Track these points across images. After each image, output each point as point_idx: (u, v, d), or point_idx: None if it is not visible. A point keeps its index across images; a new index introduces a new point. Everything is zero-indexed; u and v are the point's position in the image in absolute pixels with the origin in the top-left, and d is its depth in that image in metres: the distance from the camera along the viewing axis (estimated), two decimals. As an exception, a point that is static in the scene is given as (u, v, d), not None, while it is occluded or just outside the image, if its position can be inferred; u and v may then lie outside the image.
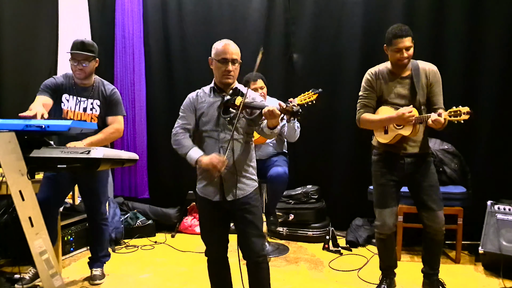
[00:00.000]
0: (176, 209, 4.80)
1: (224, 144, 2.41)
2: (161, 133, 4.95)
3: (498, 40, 3.99)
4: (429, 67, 2.89)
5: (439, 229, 2.92)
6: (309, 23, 4.56)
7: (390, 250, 3.12)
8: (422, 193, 2.92)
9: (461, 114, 2.53)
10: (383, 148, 2.98)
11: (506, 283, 3.21)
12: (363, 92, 2.98)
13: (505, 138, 4.01)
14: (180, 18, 4.81)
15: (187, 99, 2.62)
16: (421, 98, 2.84)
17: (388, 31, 2.85)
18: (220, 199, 2.44)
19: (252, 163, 2.52)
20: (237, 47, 2.52)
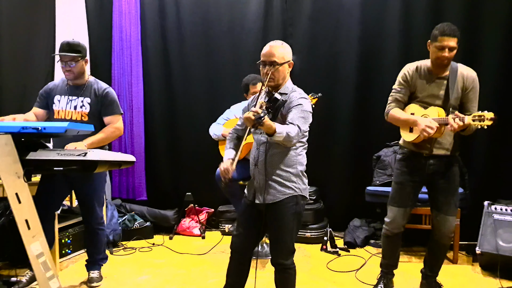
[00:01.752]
0: (174, 211, 4.79)
1: (260, 147, 2.43)
2: (159, 135, 4.95)
3: (495, 41, 4.00)
4: (468, 72, 2.83)
5: (447, 233, 2.91)
6: (307, 25, 4.56)
7: (394, 249, 3.11)
8: (439, 195, 2.90)
9: (485, 119, 2.51)
10: (408, 148, 2.95)
11: (503, 283, 3.21)
12: (398, 86, 2.93)
13: (502, 139, 4.02)
14: (177, 20, 4.81)
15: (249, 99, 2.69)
16: (453, 101, 2.79)
17: (436, 27, 2.78)
18: (251, 199, 2.46)
19: (291, 168, 2.40)
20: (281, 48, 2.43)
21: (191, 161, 4.87)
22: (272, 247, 2.44)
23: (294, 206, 2.38)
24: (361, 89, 4.44)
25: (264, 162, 2.38)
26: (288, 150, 2.39)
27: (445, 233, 2.90)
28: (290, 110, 2.34)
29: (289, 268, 2.42)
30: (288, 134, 2.21)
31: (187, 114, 4.84)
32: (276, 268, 2.44)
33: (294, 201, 2.38)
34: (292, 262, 2.44)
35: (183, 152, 4.89)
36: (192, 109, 4.82)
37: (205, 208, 4.87)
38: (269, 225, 2.43)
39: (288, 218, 2.37)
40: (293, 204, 2.38)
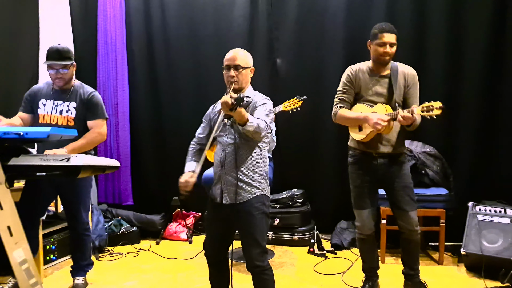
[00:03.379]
0: (160, 215, 4.76)
1: (226, 148, 2.46)
2: (145, 139, 4.92)
3: (479, 42, 4.06)
4: (408, 70, 2.95)
5: (412, 229, 2.96)
6: (292, 28, 4.58)
7: (371, 251, 3.15)
8: (395, 194, 2.96)
9: (433, 109, 2.56)
10: (358, 149, 3.01)
11: (488, 283, 3.24)
12: (342, 87, 3.03)
13: (486, 140, 4.08)
14: (163, 23, 4.80)
15: (210, 109, 2.72)
16: (397, 97, 2.88)
17: (375, 27, 2.91)
18: (219, 202, 2.47)
19: (257, 169, 2.46)
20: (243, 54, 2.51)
21: (178, 165, 4.73)
22: (245, 251, 2.44)
23: (262, 206, 2.44)
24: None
25: (233, 163, 2.42)
26: (254, 151, 2.46)
27: (411, 229, 2.95)
28: (256, 109, 2.42)
29: (266, 269, 2.44)
30: (258, 125, 2.27)
31: (173, 118, 4.83)
32: (253, 272, 2.44)
33: (261, 200, 2.45)
34: (268, 263, 2.46)
35: (169, 156, 4.86)
36: (178, 113, 4.81)
37: (192, 213, 4.85)
38: (239, 225, 2.46)
39: (257, 217, 2.41)
40: (261, 204, 2.44)
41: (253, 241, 2.41)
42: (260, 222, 2.43)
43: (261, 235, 2.43)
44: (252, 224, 2.41)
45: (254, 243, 2.41)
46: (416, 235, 2.99)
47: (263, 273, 2.43)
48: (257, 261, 2.40)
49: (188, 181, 2.41)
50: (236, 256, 3.75)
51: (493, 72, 4.05)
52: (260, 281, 2.45)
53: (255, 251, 2.40)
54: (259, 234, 2.41)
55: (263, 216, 2.45)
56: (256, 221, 2.41)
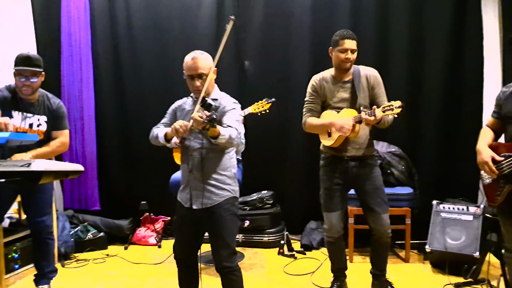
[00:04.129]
0: (128, 220, 4.68)
1: (194, 153, 2.43)
2: (111, 143, 4.83)
3: (439, 44, 4.19)
4: (369, 71, 3.00)
5: (384, 231, 2.99)
6: (259, 31, 4.60)
7: (339, 252, 3.19)
8: (366, 196, 3.00)
9: (393, 108, 2.62)
10: (329, 153, 3.05)
11: (451, 279, 3.32)
12: (308, 97, 3.07)
13: (449, 139, 4.21)
14: (128, 25, 4.72)
15: (174, 103, 2.66)
16: (362, 100, 2.93)
17: (335, 34, 2.96)
18: (189, 206, 2.46)
19: (225, 171, 2.46)
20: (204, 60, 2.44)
21: (146, 169, 4.78)
22: (214, 252, 2.45)
23: (232, 207, 2.45)
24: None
25: (200, 167, 2.41)
26: (222, 154, 2.45)
27: (383, 231, 3.00)
28: (225, 114, 2.40)
29: (235, 270, 2.45)
30: (230, 136, 2.27)
31: (141, 121, 4.75)
32: (222, 273, 2.45)
33: (231, 202, 2.46)
34: (236, 264, 2.47)
35: (137, 160, 4.79)
36: (145, 116, 4.73)
37: (161, 217, 4.79)
38: (209, 228, 2.46)
39: (228, 219, 2.42)
40: (230, 205, 2.45)
41: (223, 243, 2.41)
42: (230, 224, 2.44)
43: (231, 236, 2.44)
44: (223, 226, 2.41)
45: (224, 244, 2.41)
46: (387, 238, 3.03)
47: (232, 273, 2.44)
48: (226, 262, 2.41)
49: (187, 124, 2.29)
50: (206, 260, 3.73)
51: (453, 74, 4.19)
52: (229, 281, 2.46)
53: (225, 253, 2.40)
54: (229, 235, 2.43)
55: (233, 217, 2.46)
56: (226, 223, 2.42)
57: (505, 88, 2.61)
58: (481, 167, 2.52)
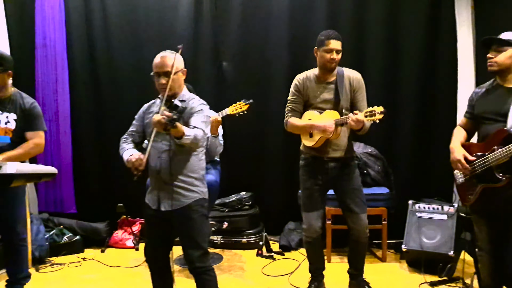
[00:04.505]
0: (105, 223, 4.62)
1: (162, 154, 2.42)
2: (87, 145, 4.76)
3: (414, 46, 4.26)
4: (353, 74, 3.01)
5: (362, 231, 3.02)
6: (237, 32, 4.59)
7: (317, 252, 3.21)
8: (346, 197, 3.02)
9: (376, 113, 2.63)
10: (309, 153, 3.06)
11: (427, 278, 3.38)
12: (291, 97, 3.07)
13: (424, 140, 4.28)
14: (105, 26, 4.66)
15: (143, 106, 2.66)
16: (344, 103, 2.95)
17: (321, 34, 2.95)
18: (156, 208, 2.44)
19: (194, 173, 2.46)
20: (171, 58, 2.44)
21: (122, 171, 4.67)
22: (185, 253, 2.45)
23: (201, 209, 2.46)
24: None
25: (168, 169, 2.40)
26: (190, 156, 2.45)
27: (362, 231, 3.03)
28: (192, 115, 2.41)
29: (208, 270, 2.45)
30: (195, 136, 2.27)
31: (117, 122, 4.68)
32: (195, 273, 2.45)
33: (200, 203, 2.46)
34: (210, 264, 2.48)
35: (113, 162, 4.71)
36: (121, 117, 4.64)
37: (138, 219, 4.72)
38: (179, 230, 2.45)
39: (197, 220, 2.43)
40: (200, 207, 2.45)
41: (194, 244, 2.41)
42: (200, 225, 2.44)
43: (202, 237, 2.45)
44: (192, 227, 2.41)
45: (194, 245, 2.41)
46: (365, 238, 3.06)
47: (206, 273, 2.44)
48: (199, 263, 2.41)
49: (142, 158, 2.32)
50: (181, 262, 3.71)
51: (428, 76, 4.26)
52: (203, 282, 2.46)
53: (196, 253, 2.41)
54: (199, 236, 2.43)
55: (202, 218, 2.46)
56: (196, 224, 2.42)
57: (478, 88, 2.67)
58: (453, 165, 2.57)
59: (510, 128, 2.33)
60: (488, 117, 2.50)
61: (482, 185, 2.45)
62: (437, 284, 3.30)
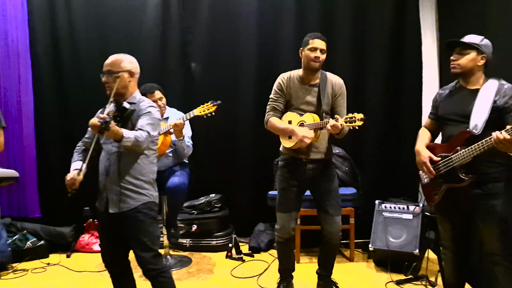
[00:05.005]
0: (71, 227, 4.51)
1: (111, 157, 2.41)
2: (52, 147, 4.63)
3: (380, 49, 4.34)
4: (336, 79, 3.02)
5: (335, 233, 3.04)
6: (206, 33, 4.56)
7: (288, 253, 3.21)
8: (323, 198, 3.03)
9: (356, 120, 2.66)
10: (288, 154, 3.06)
11: (393, 276, 3.43)
12: (274, 95, 3.06)
13: (390, 140, 4.35)
14: (70, 25, 4.54)
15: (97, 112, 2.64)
16: (325, 106, 2.95)
17: (307, 35, 2.97)
18: (104, 210, 2.43)
19: (143, 176, 2.45)
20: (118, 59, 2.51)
21: (88, 174, 4.60)
22: (137, 256, 2.42)
23: (150, 211, 2.45)
24: (261, 96, 4.46)
25: (116, 171, 2.39)
26: (140, 159, 2.44)
27: (334, 233, 3.05)
28: (139, 118, 2.41)
29: (162, 271, 2.44)
30: (136, 139, 2.27)
31: (83, 124, 4.50)
32: (149, 276, 2.43)
33: (149, 206, 2.45)
34: (164, 265, 2.47)
35: (79, 164, 4.62)
36: (87, 119, 4.47)
37: (106, 222, 4.65)
38: (128, 233, 2.43)
39: (146, 222, 2.41)
40: (149, 210, 2.44)
41: (145, 246, 2.39)
42: (150, 227, 2.43)
43: (152, 239, 2.43)
44: (142, 229, 2.40)
45: (145, 248, 2.39)
46: (337, 240, 3.09)
47: (160, 275, 2.42)
48: (151, 265, 2.40)
49: (75, 178, 2.35)
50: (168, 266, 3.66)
51: (393, 77, 4.35)
52: (159, 284, 2.44)
53: (148, 255, 2.39)
54: (150, 238, 2.41)
55: (152, 221, 2.45)
56: (145, 225, 2.41)
57: (441, 90, 2.73)
58: (419, 167, 2.62)
59: (472, 129, 2.38)
60: (451, 118, 2.55)
61: (446, 185, 2.51)
62: (403, 282, 3.36)
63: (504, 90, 2.38)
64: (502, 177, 2.40)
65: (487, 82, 2.46)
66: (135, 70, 2.54)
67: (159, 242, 2.52)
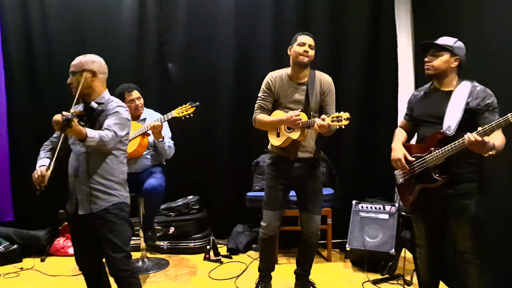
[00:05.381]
0: (45, 230, 4.42)
1: (79, 157, 2.39)
2: (26, 148, 4.51)
3: (357, 51, 4.38)
4: (324, 77, 3.04)
5: (314, 232, 3.08)
6: (183, 33, 4.53)
7: (270, 251, 3.23)
8: (306, 196, 3.08)
9: (342, 119, 2.67)
10: (277, 153, 3.07)
11: (370, 276, 3.47)
12: (262, 94, 3.07)
13: (367, 141, 4.40)
14: (44, 25, 4.41)
15: None
16: (313, 105, 2.97)
17: (296, 34, 3.01)
18: (74, 212, 2.40)
19: (113, 177, 2.44)
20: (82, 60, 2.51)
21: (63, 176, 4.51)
22: (107, 257, 2.41)
23: (121, 212, 2.43)
24: (239, 97, 4.51)
25: (85, 172, 2.37)
26: (110, 159, 2.43)
27: (313, 232, 3.09)
28: (107, 117, 2.41)
29: (133, 273, 2.43)
30: (101, 138, 2.25)
31: (57, 126, 4.51)
32: (119, 277, 2.42)
33: (120, 207, 2.44)
34: (134, 267, 2.46)
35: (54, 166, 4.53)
36: (62, 120, 4.50)
37: (82, 225, 4.57)
38: (99, 234, 2.41)
39: (117, 223, 2.40)
40: (119, 210, 2.43)
41: (115, 247, 2.38)
42: (121, 228, 2.41)
43: (124, 240, 2.41)
44: (113, 230, 2.38)
45: (116, 249, 2.38)
46: (316, 239, 3.12)
47: (131, 276, 2.42)
48: (122, 266, 2.39)
49: (43, 175, 2.30)
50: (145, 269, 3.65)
51: (370, 79, 4.40)
52: (128, 285, 2.43)
53: (119, 256, 2.38)
54: (121, 240, 2.40)
55: (123, 222, 2.43)
56: (116, 226, 2.39)
57: (416, 91, 2.77)
58: (394, 164, 2.65)
59: (446, 130, 2.42)
60: (425, 119, 2.60)
61: (420, 185, 2.55)
62: (379, 282, 3.40)
63: (476, 92, 2.42)
64: (475, 177, 2.45)
65: (460, 84, 2.50)
66: (99, 69, 2.51)
67: (130, 243, 2.50)
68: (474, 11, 3.17)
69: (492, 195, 2.78)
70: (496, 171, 2.78)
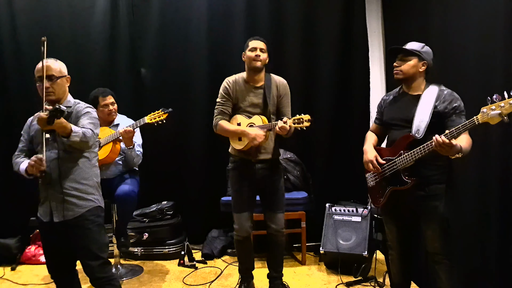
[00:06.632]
0: (16, 238, 4.32)
1: (51, 164, 2.34)
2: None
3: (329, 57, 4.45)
4: (280, 80, 3.12)
5: (279, 230, 3.12)
6: (156, 38, 4.50)
7: (247, 252, 3.25)
8: (269, 196, 3.12)
9: (303, 121, 2.74)
10: (238, 156, 3.11)
11: (343, 278, 3.50)
12: (220, 99, 3.10)
13: (340, 145, 4.44)
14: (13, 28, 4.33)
15: (28, 120, 2.61)
16: (271, 107, 3.04)
17: (248, 40, 3.08)
18: (49, 220, 2.35)
19: (87, 180, 2.42)
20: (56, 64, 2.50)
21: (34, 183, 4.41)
22: (84, 265, 2.39)
23: (97, 218, 2.42)
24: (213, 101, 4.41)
25: (58, 178, 2.34)
26: (82, 162, 2.41)
27: (277, 229, 3.12)
28: (80, 118, 2.41)
29: (111, 279, 2.41)
30: (84, 134, 2.27)
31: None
32: (98, 285, 2.40)
33: (95, 213, 2.42)
34: (112, 273, 2.45)
35: (24, 173, 4.43)
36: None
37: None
38: (74, 242, 2.38)
39: (93, 230, 2.38)
40: (95, 216, 2.41)
41: (92, 255, 2.35)
42: (97, 235, 2.39)
43: (100, 247, 2.40)
44: (89, 238, 2.36)
45: (93, 256, 2.36)
46: (282, 236, 3.16)
47: (109, 283, 2.39)
48: (99, 273, 2.36)
49: (40, 158, 2.25)
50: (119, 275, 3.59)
51: (342, 83, 4.47)
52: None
53: (95, 264, 2.36)
54: (97, 247, 2.38)
55: (99, 228, 2.42)
56: (93, 234, 2.37)
57: (386, 96, 2.83)
58: (366, 165, 2.70)
59: (415, 133, 2.47)
60: (395, 123, 2.65)
61: (391, 187, 2.59)
62: (353, 284, 3.43)
63: (444, 96, 2.48)
64: (443, 179, 2.50)
65: (428, 88, 2.56)
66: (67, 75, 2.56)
67: (107, 249, 2.47)
68: (443, 16, 3.25)
69: (461, 196, 2.86)
70: (464, 173, 2.85)
